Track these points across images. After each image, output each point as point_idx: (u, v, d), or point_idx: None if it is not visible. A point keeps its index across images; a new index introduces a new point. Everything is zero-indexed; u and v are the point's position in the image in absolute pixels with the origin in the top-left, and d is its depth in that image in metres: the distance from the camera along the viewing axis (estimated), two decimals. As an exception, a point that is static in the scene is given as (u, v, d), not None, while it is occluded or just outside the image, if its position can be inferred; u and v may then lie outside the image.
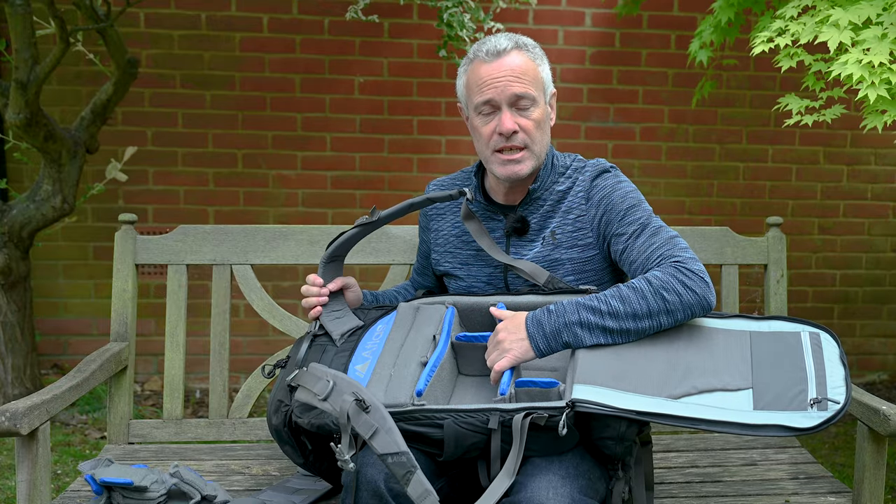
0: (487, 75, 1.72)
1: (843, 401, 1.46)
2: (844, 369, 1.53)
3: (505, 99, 1.71)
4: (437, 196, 1.82)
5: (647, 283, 1.57)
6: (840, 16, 2.18)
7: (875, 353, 4.37)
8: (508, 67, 1.71)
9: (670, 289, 1.56)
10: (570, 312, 1.57)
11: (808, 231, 4.28)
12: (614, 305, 1.56)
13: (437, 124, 4.05)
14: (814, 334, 1.62)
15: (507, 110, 1.72)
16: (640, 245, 1.67)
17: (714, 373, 1.53)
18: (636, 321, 1.56)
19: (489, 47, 1.74)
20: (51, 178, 3.20)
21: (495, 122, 1.73)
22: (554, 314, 1.58)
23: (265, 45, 3.94)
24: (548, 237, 1.78)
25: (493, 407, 1.47)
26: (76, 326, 4.00)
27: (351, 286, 1.86)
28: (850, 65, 2.10)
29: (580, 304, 1.58)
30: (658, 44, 4.08)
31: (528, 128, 1.73)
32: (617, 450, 1.53)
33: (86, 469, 1.70)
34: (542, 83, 1.76)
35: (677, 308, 1.56)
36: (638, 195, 1.76)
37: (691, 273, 1.57)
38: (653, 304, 1.55)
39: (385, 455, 1.39)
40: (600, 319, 1.56)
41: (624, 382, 1.49)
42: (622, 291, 1.57)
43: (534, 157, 1.75)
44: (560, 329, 1.57)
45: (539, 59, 1.78)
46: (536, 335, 1.58)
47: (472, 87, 1.76)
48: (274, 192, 4.02)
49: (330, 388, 1.50)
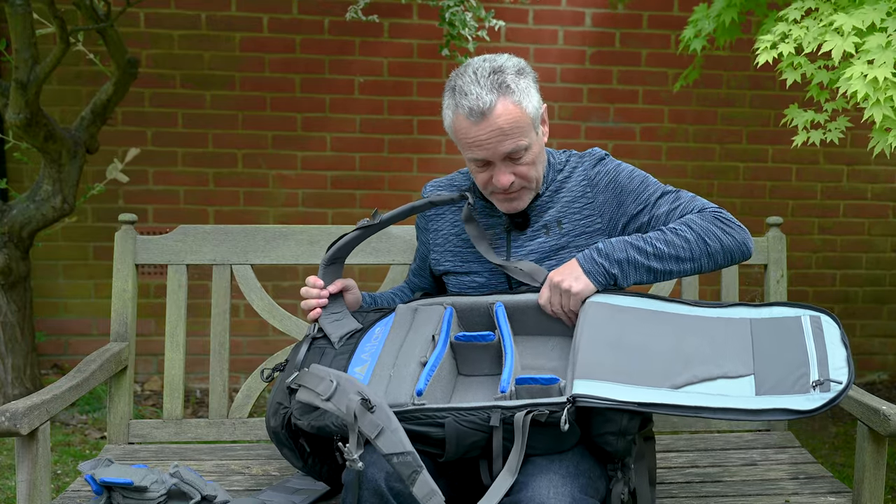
0: (475, 137, 1.67)
1: (845, 381, 1.45)
2: (846, 350, 1.52)
3: (497, 157, 1.69)
4: (439, 200, 1.83)
5: (688, 227, 1.65)
6: (844, 21, 2.15)
7: (875, 353, 4.37)
8: (496, 126, 1.65)
9: (711, 234, 1.66)
10: (618, 250, 1.66)
11: (808, 231, 4.28)
12: (659, 247, 1.64)
13: (437, 124, 4.04)
14: (814, 318, 1.61)
15: (501, 165, 1.70)
16: (666, 211, 1.72)
17: (715, 361, 1.53)
18: (679, 263, 1.65)
19: (472, 105, 1.64)
20: (51, 178, 3.20)
21: (489, 173, 1.72)
22: (603, 251, 1.66)
23: (265, 45, 3.94)
24: (554, 227, 1.78)
25: (495, 404, 1.47)
26: (76, 326, 4.00)
27: (350, 288, 1.86)
28: (854, 80, 2.08)
29: (628, 242, 1.66)
30: (658, 44, 4.08)
31: (523, 173, 1.72)
32: (618, 445, 1.53)
33: (86, 469, 1.70)
34: (531, 122, 1.69)
35: (717, 251, 1.66)
36: (641, 171, 1.80)
37: (730, 221, 1.68)
38: (695, 248, 1.65)
39: (390, 455, 1.39)
40: (645, 259, 1.65)
41: (624, 375, 1.49)
42: (667, 235, 1.66)
43: (531, 190, 1.77)
44: (610, 267, 1.66)
45: (524, 94, 1.67)
46: (593, 269, 1.66)
47: (459, 139, 1.72)
48: (274, 192, 4.02)
49: (334, 388, 1.50)
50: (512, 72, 1.68)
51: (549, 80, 4.03)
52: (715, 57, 3.99)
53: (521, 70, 1.71)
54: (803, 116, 2.37)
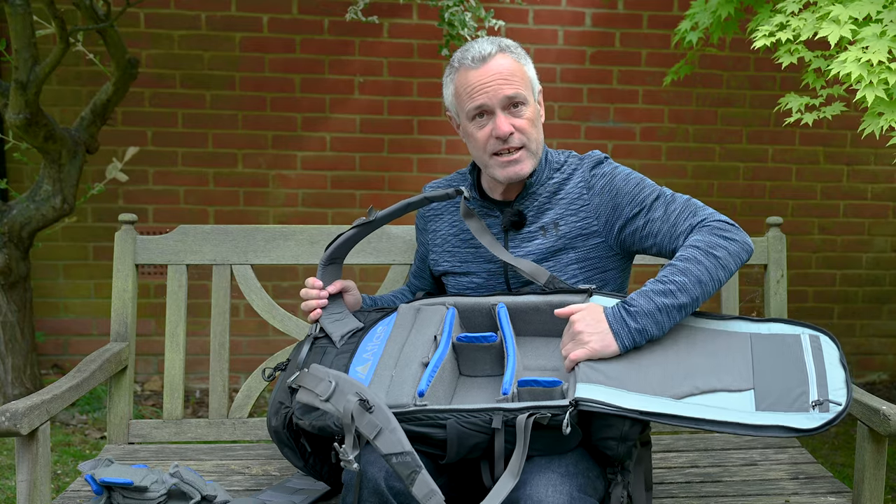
0: (476, 81, 1.73)
1: (844, 402, 1.47)
2: (845, 372, 1.54)
3: (497, 102, 1.72)
4: (434, 195, 1.82)
5: (695, 248, 1.63)
6: (840, 12, 2.19)
7: (875, 353, 4.37)
8: (496, 71, 1.72)
9: (716, 245, 1.63)
10: (646, 304, 1.58)
11: (808, 231, 4.28)
12: (679, 280, 1.59)
13: (437, 124, 4.04)
14: (814, 337, 1.62)
15: (501, 113, 1.73)
16: (661, 215, 1.71)
17: (716, 374, 1.54)
18: (701, 286, 1.60)
19: (474, 53, 1.74)
20: (51, 178, 3.20)
21: (490, 126, 1.73)
22: (633, 311, 1.58)
23: (265, 45, 3.94)
24: (550, 229, 1.78)
25: (497, 406, 1.47)
26: (76, 326, 4.00)
27: (350, 289, 1.86)
28: (849, 63, 2.10)
29: (649, 293, 1.59)
30: (658, 44, 4.08)
31: (523, 127, 1.74)
32: (619, 450, 1.53)
33: (86, 469, 1.70)
34: (529, 82, 1.78)
35: (728, 261, 1.63)
36: (638, 174, 1.79)
37: (725, 225, 1.66)
38: (709, 265, 1.61)
39: (389, 455, 1.39)
40: (674, 299, 1.59)
41: (627, 382, 1.49)
42: (677, 265, 1.62)
43: (532, 155, 1.76)
44: (646, 325, 1.58)
45: (523, 58, 1.79)
46: (622, 332, 1.58)
47: (461, 94, 1.76)
48: (274, 192, 4.02)
49: (332, 389, 1.50)
50: (512, 42, 1.80)
51: (549, 80, 4.03)
52: (715, 57, 3.99)
53: (520, 47, 1.82)
54: (798, 100, 2.39)
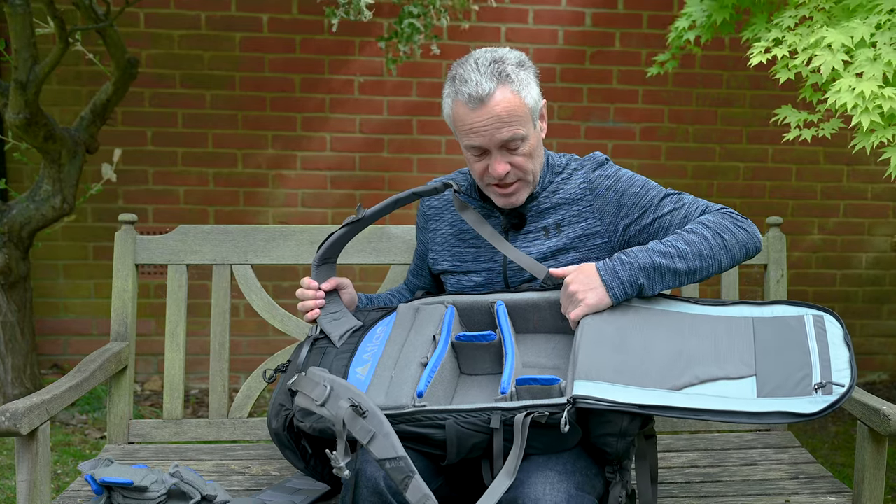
0: (473, 123, 1.67)
1: (847, 384, 1.44)
2: (849, 351, 1.51)
3: (493, 145, 1.69)
4: (422, 190, 1.82)
5: (703, 226, 1.64)
6: (833, 38, 2.17)
7: (875, 353, 4.37)
8: (494, 113, 1.65)
9: (725, 229, 1.64)
10: (642, 258, 1.61)
11: (808, 231, 4.28)
12: (681, 248, 1.61)
13: (437, 124, 4.05)
14: (817, 317, 1.60)
15: (497, 154, 1.70)
16: (672, 209, 1.72)
17: (716, 361, 1.52)
18: (701, 260, 1.62)
19: (471, 91, 1.65)
20: (51, 178, 3.20)
21: (486, 162, 1.72)
22: (627, 262, 1.61)
23: (265, 45, 3.94)
24: (552, 230, 1.78)
25: (495, 406, 1.47)
26: (76, 326, 4.00)
27: (345, 287, 1.86)
28: (843, 92, 2.10)
29: (650, 250, 1.62)
30: (658, 44, 4.07)
31: (520, 164, 1.71)
32: (618, 447, 1.53)
33: (86, 469, 1.70)
34: (529, 113, 1.70)
35: (734, 246, 1.64)
36: (641, 176, 1.80)
37: (738, 216, 1.68)
38: (714, 243, 1.63)
39: (383, 460, 1.40)
40: (671, 262, 1.61)
41: (625, 376, 1.48)
42: (683, 235, 1.64)
43: (528, 185, 1.76)
44: (636, 274, 1.60)
45: (523, 84, 1.69)
46: (613, 283, 1.61)
47: (458, 126, 1.72)
48: (274, 192, 4.02)
49: (327, 394, 1.51)
50: (513, 63, 1.70)
51: (549, 80, 4.03)
52: (715, 57, 3.99)
53: (522, 63, 1.72)
54: (797, 116, 2.39)
